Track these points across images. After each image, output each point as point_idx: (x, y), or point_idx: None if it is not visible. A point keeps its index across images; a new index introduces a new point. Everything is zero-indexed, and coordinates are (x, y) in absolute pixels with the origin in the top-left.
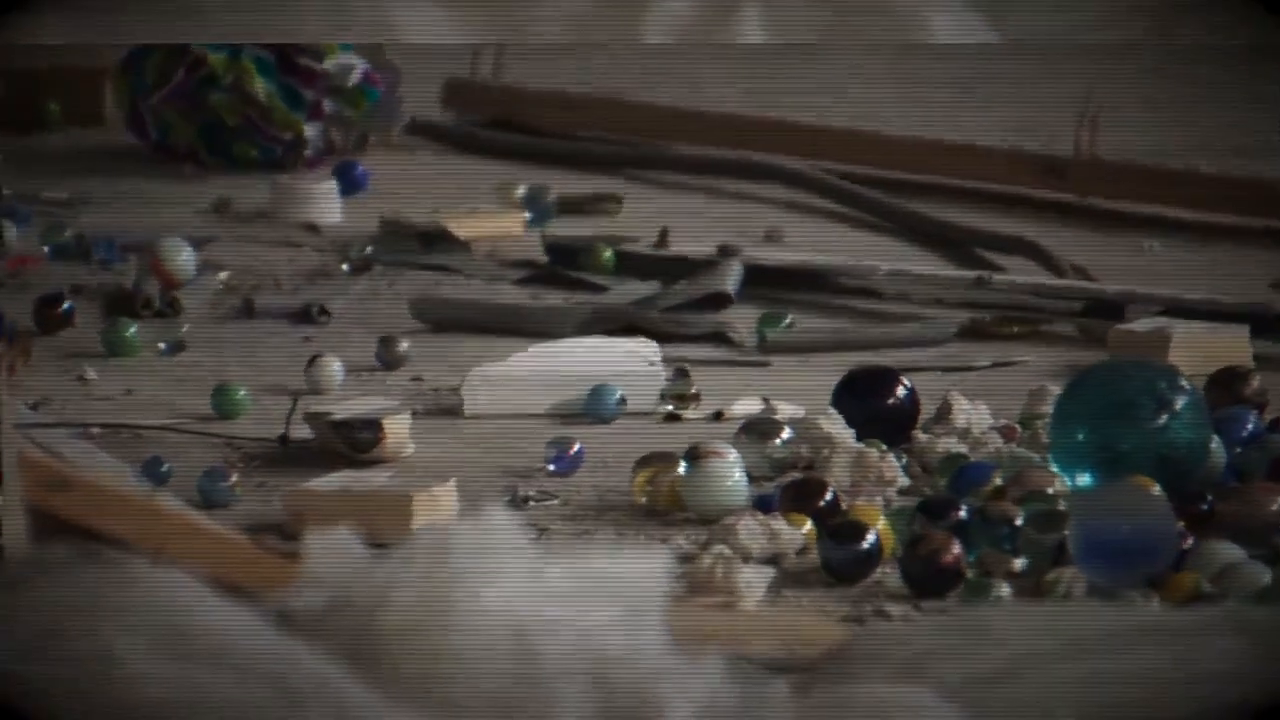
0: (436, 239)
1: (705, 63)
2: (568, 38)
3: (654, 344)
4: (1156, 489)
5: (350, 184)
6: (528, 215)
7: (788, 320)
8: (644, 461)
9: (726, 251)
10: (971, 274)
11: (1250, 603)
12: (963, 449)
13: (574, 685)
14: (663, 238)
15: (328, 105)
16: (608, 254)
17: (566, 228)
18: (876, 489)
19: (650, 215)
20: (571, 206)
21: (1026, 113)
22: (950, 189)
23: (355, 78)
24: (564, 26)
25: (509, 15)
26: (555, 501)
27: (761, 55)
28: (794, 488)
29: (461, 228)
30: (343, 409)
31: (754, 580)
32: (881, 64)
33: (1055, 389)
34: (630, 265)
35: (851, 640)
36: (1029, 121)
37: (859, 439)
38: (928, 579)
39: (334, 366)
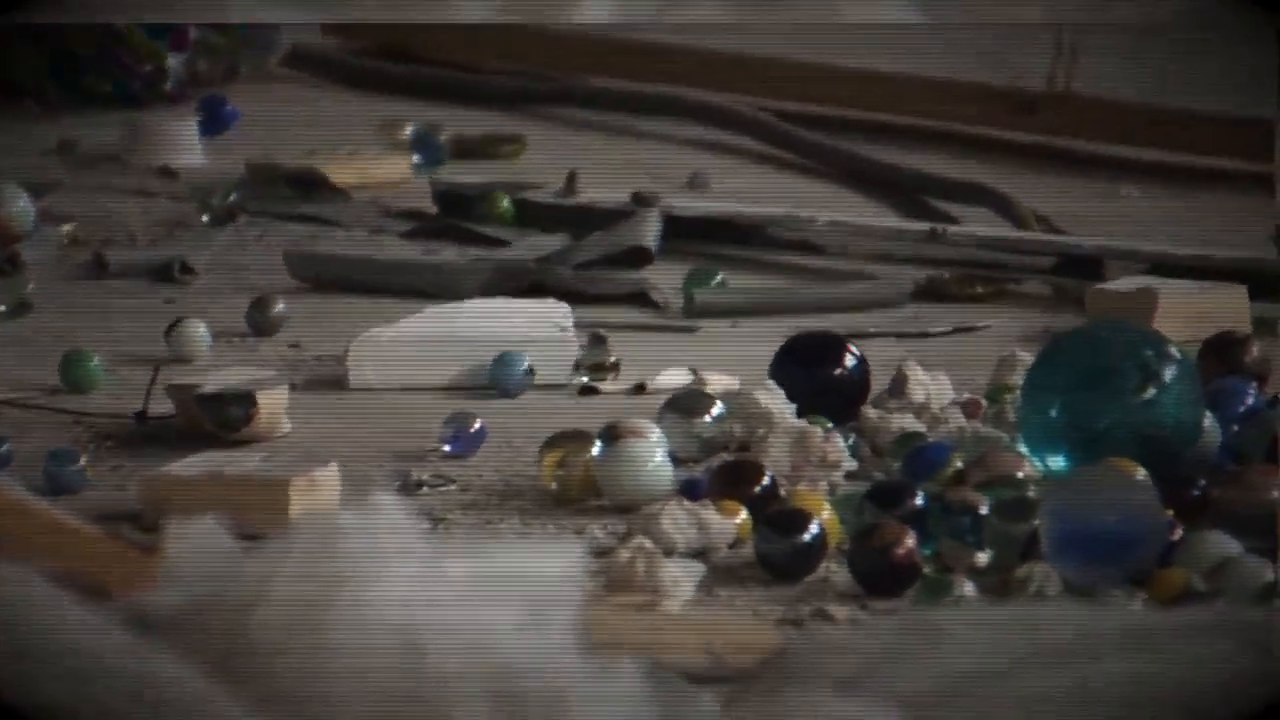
0: (313, 186)
1: None
2: None
3: (565, 306)
4: (1141, 473)
5: (215, 122)
6: (416, 158)
7: (717, 279)
8: (554, 441)
9: (644, 200)
10: (925, 226)
11: (1248, 603)
12: (919, 427)
13: (473, 698)
14: (571, 184)
15: (194, 31)
16: (507, 203)
17: (461, 173)
18: (820, 473)
19: (557, 159)
20: (467, 149)
21: (989, 40)
22: (901, 129)
23: None
24: None
25: None
26: (452, 487)
27: None
28: (726, 471)
29: (341, 173)
30: (209, 381)
31: (680, 577)
32: None
33: (1025, 358)
34: (534, 216)
35: (790, 646)
36: (993, 51)
37: (800, 415)
38: (878, 576)
39: (199, 332)
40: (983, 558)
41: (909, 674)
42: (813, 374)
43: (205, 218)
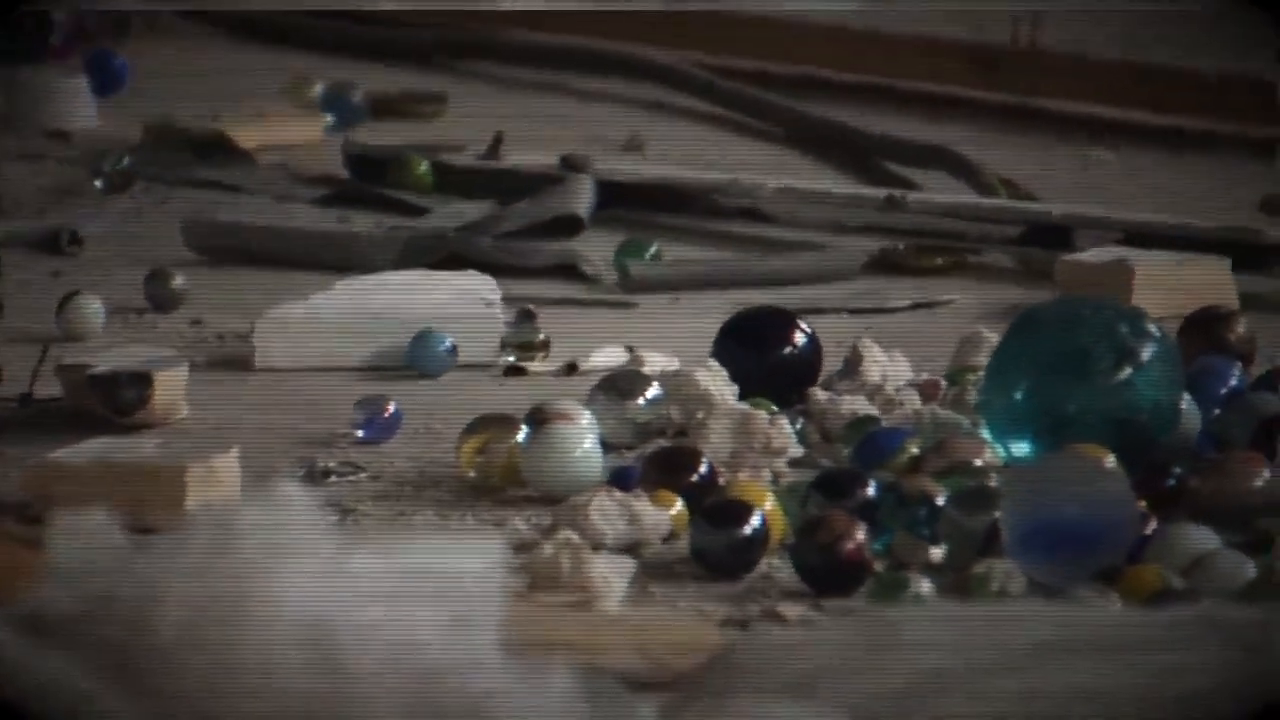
0: (215, 148)
1: None
2: None
3: (490, 280)
4: (1112, 460)
5: (107, 80)
6: (328, 119)
7: (653, 250)
8: (475, 426)
9: (576, 165)
10: (882, 192)
11: (1229, 602)
12: (872, 411)
13: (389, 704)
14: (495, 147)
15: None
16: (425, 167)
17: (376, 134)
18: (763, 460)
19: (480, 119)
20: (382, 108)
21: None
22: (856, 87)
23: None
24: None
25: None
26: (363, 476)
27: None
28: (661, 459)
29: (246, 135)
30: (102, 360)
31: (610, 574)
32: None
33: (989, 336)
34: (455, 181)
35: (733, 649)
36: (954, 3)
37: (743, 398)
38: (827, 572)
39: (91, 307)
40: (939, 553)
41: (861, 678)
42: (757, 353)
43: (98, 184)
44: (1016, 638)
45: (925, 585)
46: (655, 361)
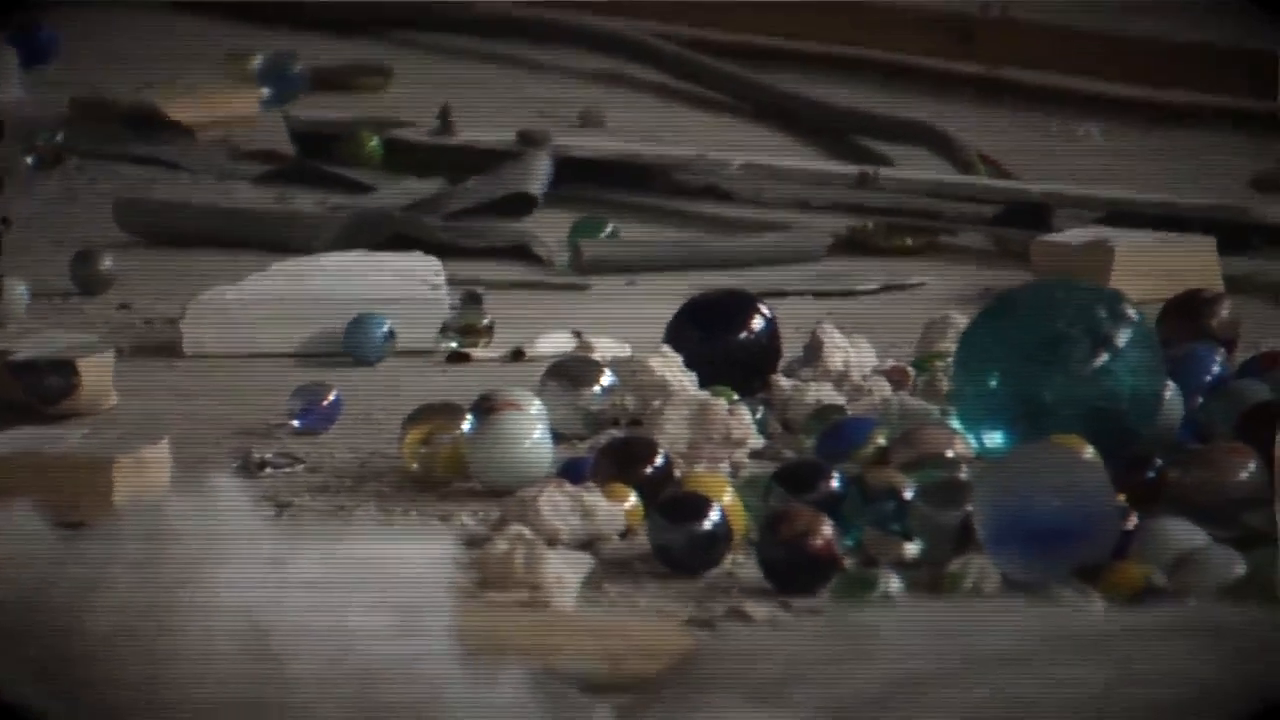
0: (148, 123)
1: None
2: None
3: (434, 261)
4: (1091, 452)
5: (34, 52)
6: (267, 92)
7: (608, 229)
8: (418, 415)
9: (529, 139)
10: (852, 169)
11: (1215, 601)
12: (838, 399)
13: (331, 709)
14: (446, 122)
15: None
16: (373, 143)
17: (319, 108)
18: (723, 451)
19: (430, 92)
20: (326, 80)
21: None
22: (826, 59)
23: None
24: None
25: None
26: (301, 468)
27: None
28: (615, 450)
29: (181, 109)
30: (25, 346)
31: (564, 572)
32: None
33: (960, 320)
34: (404, 158)
35: (696, 651)
36: None
37: (701, 385)
38: (790, 570)
39: (16, 291)
40: (910, 549)
41: (829, 681)
42: (716, 338)
43: (30, 160)
44: (991, 638)
45: (893, 583)
46: (604, 347)
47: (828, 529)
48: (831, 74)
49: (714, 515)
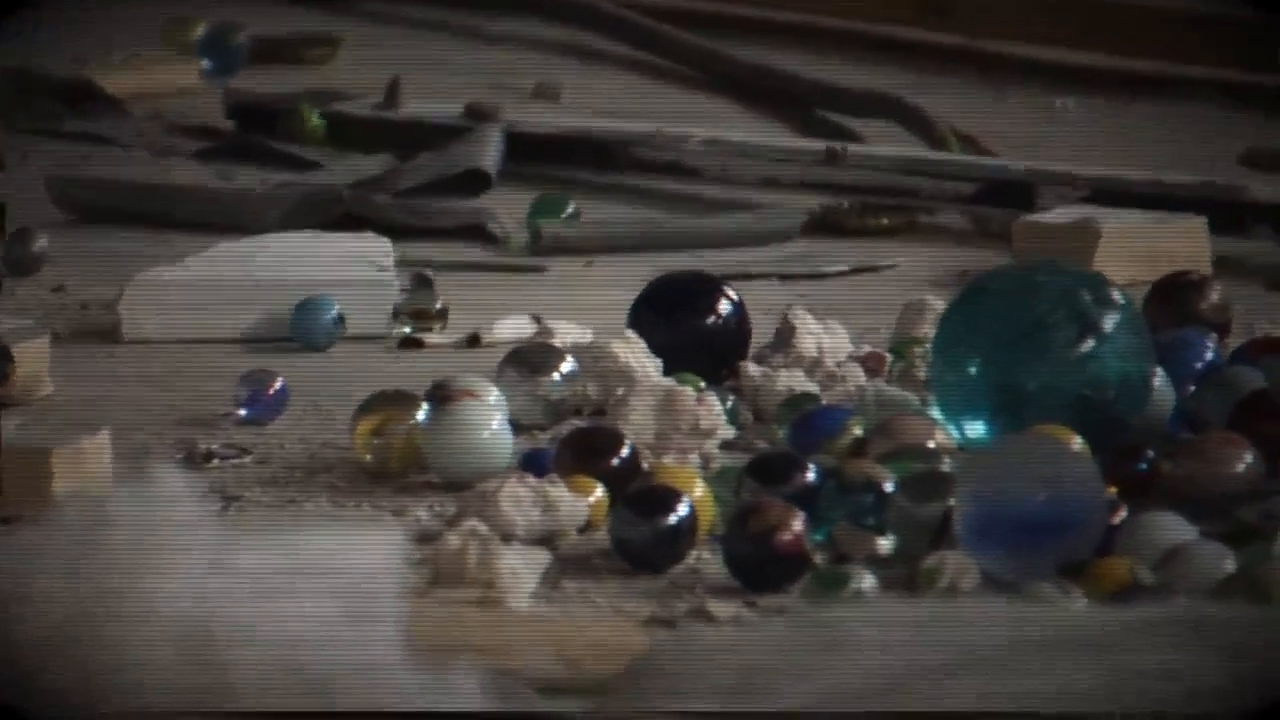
0: (82, 97)
1: None
2: None
3: (385, 242)
4: (1077, 442)
5: None
6: (206, 64)
7: (569, 209)
8: (370, 404)
9: (482, 114)
10: (822, 145)
11: (1207, 599)
12: (811, 387)
13: (277, 708)
14: (394, 95)
15: None
16: (317, 118)
17: (262, 81)
18: (691, 442)
19: (378, 64)
20: (270, 51)
21: None
22: (795, 29)
23: None
24: None
25: None
26: (248, 460)
27: None
28: (578, 441)
29: (119, 81)
30: None
31: (521, 569)
32: None
33: (938, 304)
34: (350, 133)
35: (657, 651)
36: None
37: (667, 373)
38: (759, 566)
39: None
40: (886, 545)
41: (800, 683)
42: (681, 323)
43: None
44: (968, 639)
45: (868, 581)
46: (565, 333)
47: (798, 523)
48: (800, 45)
49: (681, 509)
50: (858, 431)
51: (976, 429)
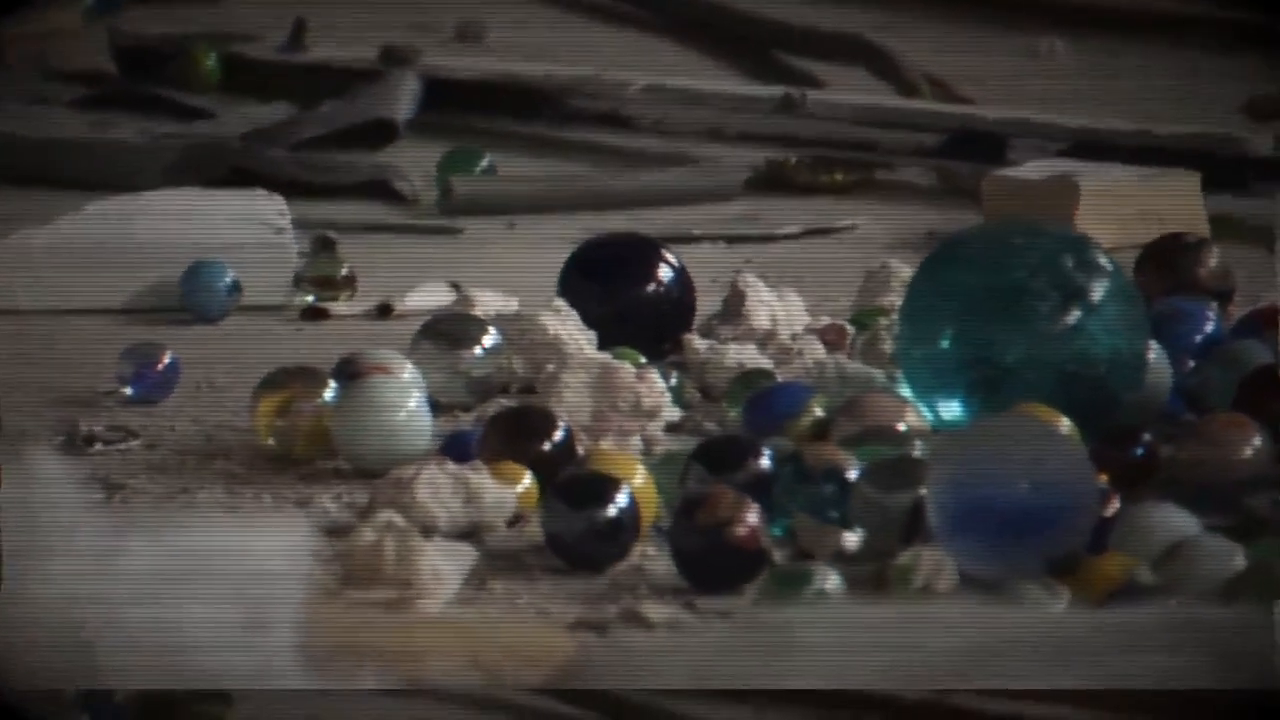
0: None
1: None
2: None
3: (278, 200)
4: (1065, 425)
5: None
6: (89, 2)
7: (485, 163)
8: (271, 382)
9: (396, 58)
10: (776, 91)
11: (1210, 599)
12: (764, 363)
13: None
14: (298, 36)
15: None
16: (210, 61)
17: (148, 20)
18: (632, 424)
19: (279, 2)
20: None
21: None
22: None
23: None
24: None
25: None
26: (135, 443)
27: None
28: (505, 422)
29: None
30: None
31: (442, 566)
32: None
33: (904, 269)
34: (246, 78)
35: (590, 657)
36: None
37: (602, 346)
38: (710, 563)
39: None
40: (851, 539)
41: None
42: (617, 291)
43: None
44: (942, 644)
45: (832, 580)
46: (488, 302)
47: (753, 516)
48: None
49: (621, 500)
50: (819, 412)
51: (951, 409)
